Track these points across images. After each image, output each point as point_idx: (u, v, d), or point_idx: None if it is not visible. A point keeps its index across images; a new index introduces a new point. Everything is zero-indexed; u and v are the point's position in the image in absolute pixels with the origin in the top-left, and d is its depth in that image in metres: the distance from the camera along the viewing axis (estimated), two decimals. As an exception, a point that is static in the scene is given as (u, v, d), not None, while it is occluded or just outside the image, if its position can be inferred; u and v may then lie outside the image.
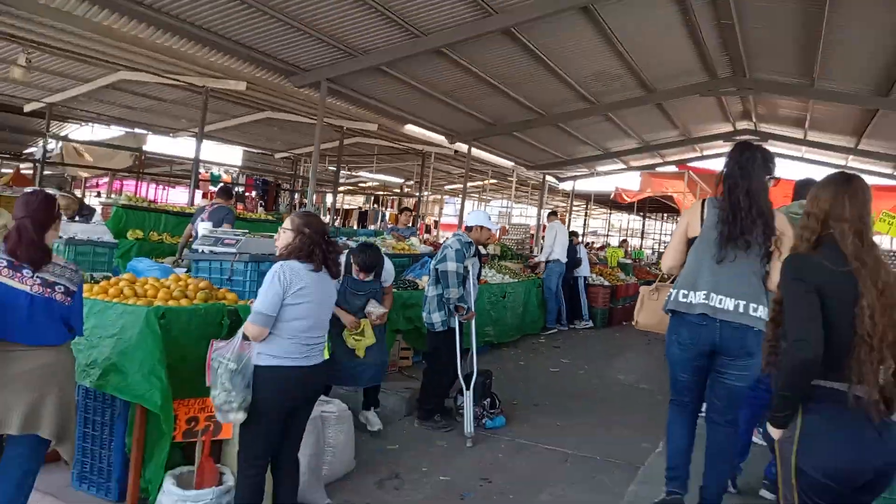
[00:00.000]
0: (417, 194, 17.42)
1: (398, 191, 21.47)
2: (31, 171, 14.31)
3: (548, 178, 17.00)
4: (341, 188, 19.95)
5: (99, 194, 17.81)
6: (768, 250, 3.04)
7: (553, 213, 12.25)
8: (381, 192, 22.62)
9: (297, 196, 17.93)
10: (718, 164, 3.59)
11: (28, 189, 4.97)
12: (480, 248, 5.51)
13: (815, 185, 2.24)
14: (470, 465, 4.37)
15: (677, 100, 10.95)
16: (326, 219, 16.59)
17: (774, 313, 2.18)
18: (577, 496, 3.98)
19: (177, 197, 18.05)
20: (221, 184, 11.32)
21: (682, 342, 3.13)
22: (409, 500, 3.77)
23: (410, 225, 11.00)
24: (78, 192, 15.85)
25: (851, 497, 2.03)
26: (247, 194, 16.44)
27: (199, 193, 11.98)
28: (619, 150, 14.98)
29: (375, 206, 22.66)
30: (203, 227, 6.19)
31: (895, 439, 2.00)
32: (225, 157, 16.13)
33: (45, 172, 12.61)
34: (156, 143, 14.41)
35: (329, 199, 18.76)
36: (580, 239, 12.85)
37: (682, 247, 3.26)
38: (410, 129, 11.49)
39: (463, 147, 12.86)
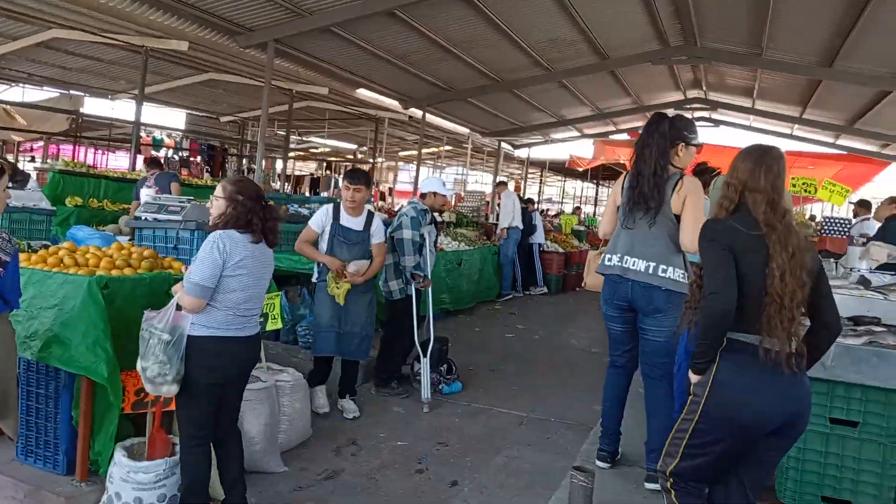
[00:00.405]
0: (371, 161, 17.18)
1: (351, 157, 21.13)
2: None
3: (503, 145, 17.00)
4: (292, 154, 19.50)
5: (33, 159, 16.91)
6: (673, 213, 3.24)
7: (502, 183, 12.34)
8: (334, 159, 22.22)
9: (245, 161, 17.43)
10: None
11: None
12: (436, 214, 5.47)
13: (735, 158, 2.38)
14: (427, 431, 4.41)
15: (630, 68, 11.03)
16: (276, 185, 16.24)
17: (697, 277, 2.34)
18: (532, 456, 4.07)
19: (117, 162, 17.30)
20: (152, 157, 10.82)
21: (605, 299, 3.47)
22: (367, 466, 3.79)
23: (367, 193, 10.84)
24: (10, 157, 15.01)
25: (755, 441, 2.22)
26: (192, 159, 15.87)
27: (140, 159, 11.50)
28: (573, 118, 15.06)
29: (328, 172, 22.27)
30: (146, 193, 5.97)
31: (802, 391, 2.20)
32: (167, 120, 15.48)
33: (-28, 136, 11.89)
34: (94, 106, 13.72)
35: (279, 164, 18.33)
36: (535, 206, 12.95)
37: (613, 216, 3.54)
38: (363, 93, 11.25)
39: (417, 113, 12.69)
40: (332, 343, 4.44)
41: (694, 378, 2.26)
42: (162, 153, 15.14)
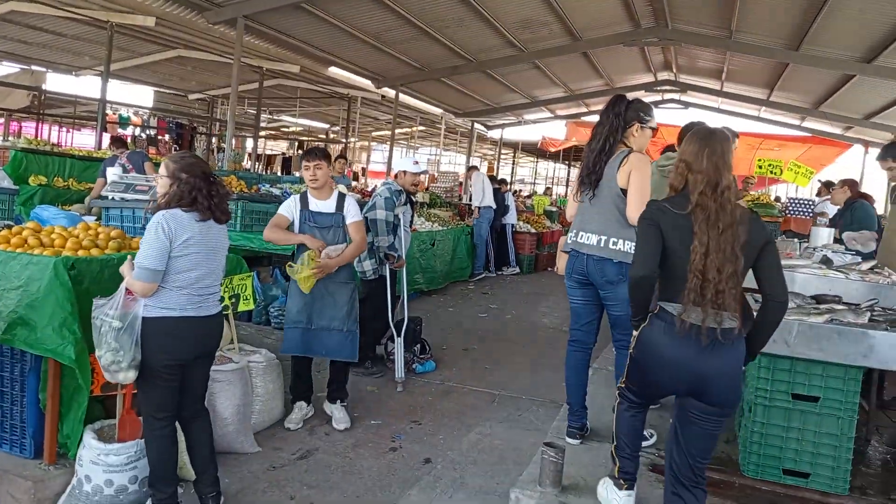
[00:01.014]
0: (344, 140, 17.01)
1: (323, 136, 20.90)
2: None
3: (476, 125, 16.96)
4: (263, 133, 19.20)
5: (-7, 137, 16.35)
6: (620, 188, 3.33)
7: (473, 167, 12.38)
8: (306, 138, 21.96)
9: (214, 140, 17.11)
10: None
11: None
12: (411, 195, 5.46)
13: (684, 140, 2.51)
14: (401, 409, 4.45)
15: (602, 49, 11.08)
16: (247, 164, 15.99)
17: None
18: (503, 433, 4.14)
19: (82, 140, 16.84)
20: (117, 136, 10.53)
21: (567, 273, 3.58)
22: (341, 445, 3.81)
23: (344, 174, 10.76)
24: (-32, 135, 14.49)
25: (678, 398, 2.49)
26: (159, 138, 15.53)
27: (106, 137, 11.20)
28: (545, 99, 15.09)
29: (300, 151, 21.99)
30: (112, 172, 5.84)
31: (721, 361, 2.33)
32: (134, 97, 15.10)
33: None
34: (57, 82, 13.31)
35: (250, 143, 18.05)
36: (508, 187, 12.99)
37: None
38: (335, 71, 11.11)
39: (390, 92, 12.59)
40: (298, 340, 3.93)
41: (634, 332, 2.56)
42: (129, 131, 14.78)
